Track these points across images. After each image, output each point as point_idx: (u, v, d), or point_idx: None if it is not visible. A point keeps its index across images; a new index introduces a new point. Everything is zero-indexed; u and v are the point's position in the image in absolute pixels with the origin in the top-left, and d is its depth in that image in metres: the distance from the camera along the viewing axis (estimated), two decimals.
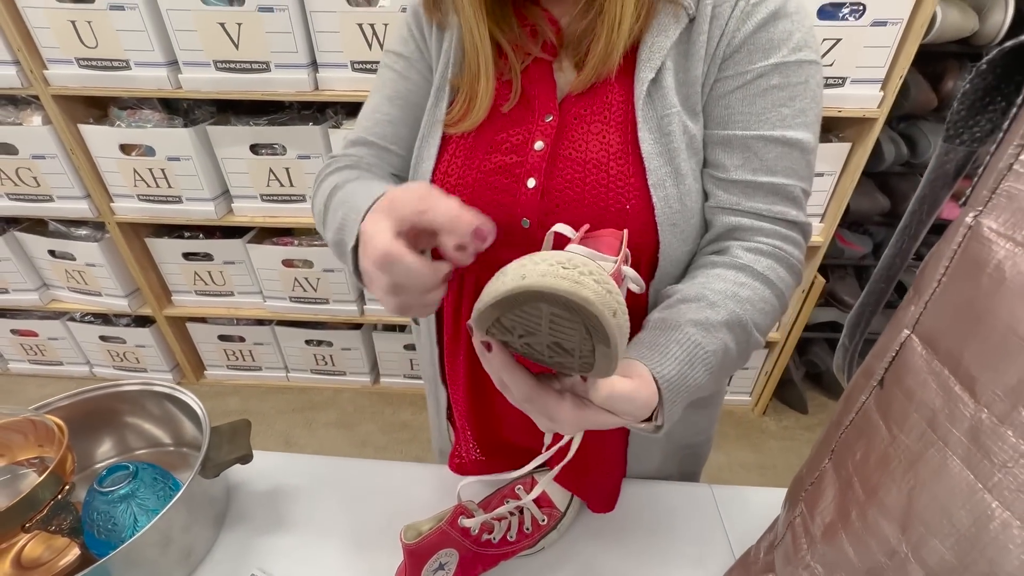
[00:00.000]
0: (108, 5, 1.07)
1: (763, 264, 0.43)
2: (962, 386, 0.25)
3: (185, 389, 0.59)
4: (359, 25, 1.08)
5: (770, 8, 0.40)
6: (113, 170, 1.29)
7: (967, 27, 1.07)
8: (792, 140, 0.42)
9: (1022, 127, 0.23)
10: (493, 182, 0.47)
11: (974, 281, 0.25)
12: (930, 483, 0.27)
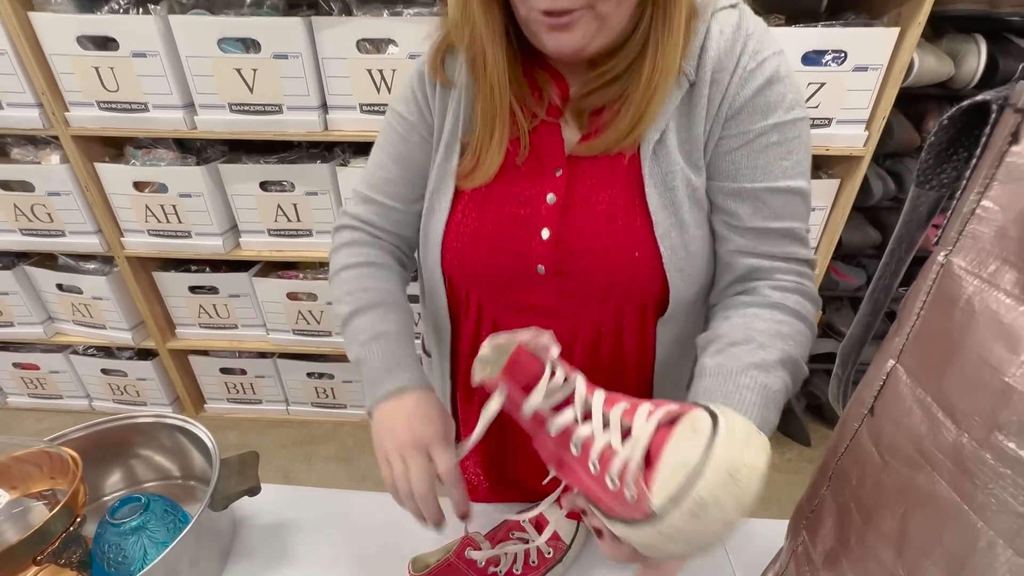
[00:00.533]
0: (131, 52, 1.13)
1: (792, 300, 0.47)
2: (944, 412, 0.27)
3: (195, 422, 0.60)
4: (368, 71, 1.14)
5: (766, 74, 0.44)
6: (125, 206, 1.33)
7: (943, 72, 1.13)
8: (794, 188, 0.46)
9: (981, 176, 0.26)
10: (508, 232, 0.50)
11: (948, 314, 0.27)
12: (921, 506, 0.28)
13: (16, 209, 1.34)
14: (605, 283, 0.50)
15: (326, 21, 1.10)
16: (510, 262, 0.51)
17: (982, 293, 0.25)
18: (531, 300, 0.53)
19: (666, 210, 0.47)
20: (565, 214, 0.49)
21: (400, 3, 1.14)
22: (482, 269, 0.53)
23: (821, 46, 1.06)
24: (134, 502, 0.50)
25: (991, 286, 0.25)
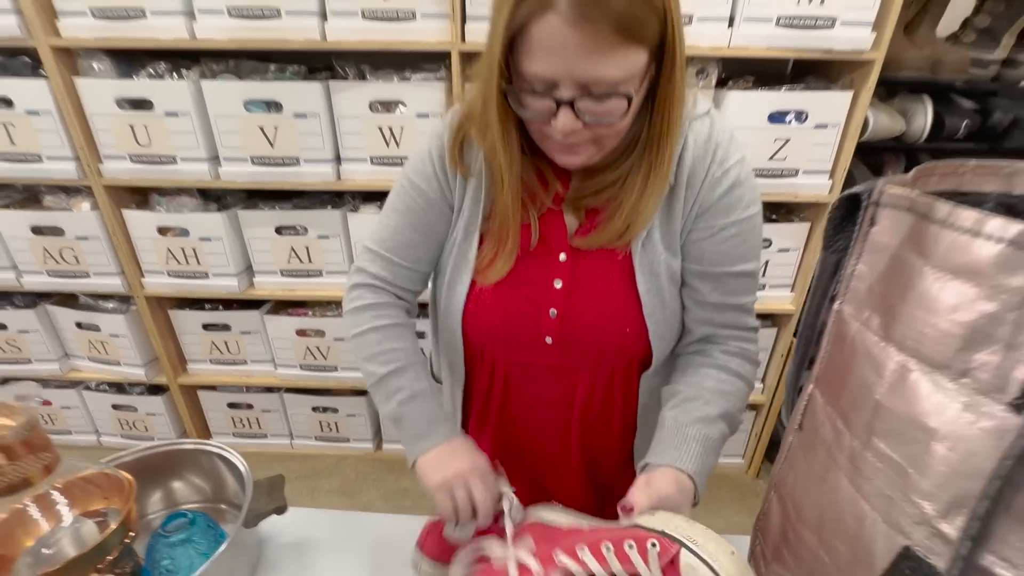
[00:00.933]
0: (164, 112, 1.24)
1: (735, 363, 0.59)
2: (843, 423, 0.35)
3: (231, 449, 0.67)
4: (379, 128, 1.26)
5: (730, 181, 0.54)
6: (148, 248, 1.42)
7: (896, 128, 1.26)
8: (747, 271, 0.57)
9: (857, 247, 0.36)
10: (521, 308, 0.59)
11: (842, 349, 0.36)
12: (831, 497, 0.36)
13: (45, 252, 1.43)
14: (601, 350, 0.60)
15: (342, 85, 1.23)
16: (522, 334, 0.61)
17: (861, 333, 0.34)
18: (538, 361, 0.62)
19: (651, 292, 0.57)
20: (569, 296, 0.58)
21: (408, 69, 1.27)
22: (497, 337, 0.62)
23: (785, 107, 1.19)
24: (181, 517, 0.57)
25: (866, 327, 0.34)
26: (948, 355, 0.28)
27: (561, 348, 0.60)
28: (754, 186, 0.56)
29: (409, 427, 0.59)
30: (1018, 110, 1.26)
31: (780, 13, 1.10)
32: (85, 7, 1.16)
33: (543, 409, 0.67)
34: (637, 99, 0.47)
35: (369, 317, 0.62)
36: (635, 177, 0.53)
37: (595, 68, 0.44)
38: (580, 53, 0.43)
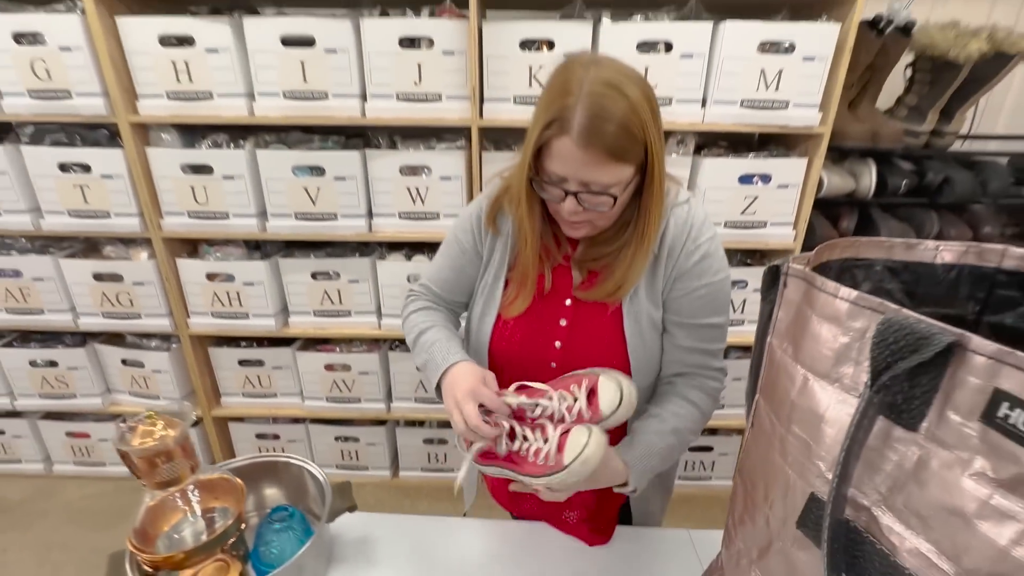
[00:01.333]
0: (222, 175, 1.44)
1: (694, 395, 0.76)
2: (775, 419, 0.53)
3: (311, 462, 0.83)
4: (407, 188, 1.47)
5: (701, 253, 0.73)
6: (196, 292, 1.59)
7: (847, 187, 1.49)
8: (715, 323, 0.75)
9: (779, 300, 0.54)
10: (533, 338, 0.78)
11: (772, 367, 0.54)
12: (771, 470, 0.53)
13: (103, 296, 1.59)
14: None
15: (376, 153, 1.44)
16: (533, 358, 0.79)
17: (783, 357, 0.52)
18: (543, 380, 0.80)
19: (635, 336, 0.75)
20: (571, 333, 0.76)
21: (433, 139, 1.49)
22: (514, 359, 0.80)
23: (752, 171, 1.42)
24: (283, 511, 0.72)
25: (784, 353, 0.52)
26: (827, 369, 0.46)
27: (563, 372, 0.78)
28: (722, 257, 0.75)
29: (432, 363, 0.73)
30: (948, 171, 1.50)
31: (743, 97, 1.34)
32: (162, 91, 1.38)
33: None
34: (623, 198, 0.67)
35: (416, 307, 0.84)
36: (627, 250, 0.72)
37: (592, 175, 0.63)
38: (582, 164, 0.63)
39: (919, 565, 0.39)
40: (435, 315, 0.83)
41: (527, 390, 0.68)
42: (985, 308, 0.59)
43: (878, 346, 0.40)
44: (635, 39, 1.30)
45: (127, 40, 1.33)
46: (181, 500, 0.68)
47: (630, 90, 0.61)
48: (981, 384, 0.35)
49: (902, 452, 0.40)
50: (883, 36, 1.35)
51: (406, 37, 1.32)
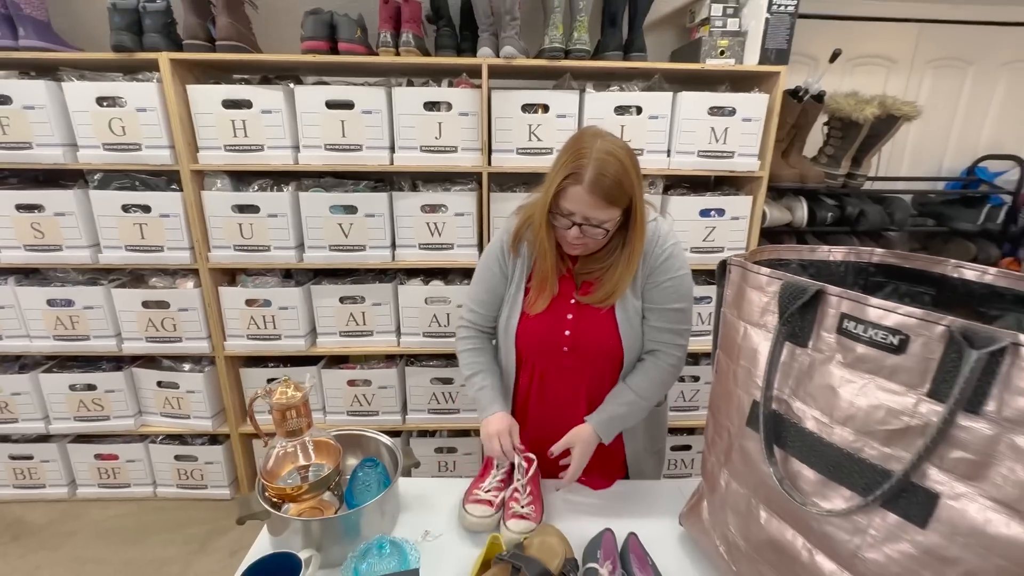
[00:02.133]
0: (267, 214, 1.68)
1: (654, 369, 1.03)
2: (728, 359, 0.80)
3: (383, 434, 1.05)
4: (427, 223, 1.73)
5: (666, 255, 1.00)
6: (235, 317, 1.79)
7: (785, 219, 1.84)
8: (678, 308, 1.02)
9: (726, 284, 0.82)
10: (549, 331, 1.04)
11: (726, 325, 0.82)
12: (727, 396, 0.79)
13: (149, 322, 1.77)
14: (595, 357, 1.05)
15: (401, 194, 1.72)
16: (549, 345, 1.05)
17: (732, 317, 0.80)
18: (560, 363, 1.06)
19: (625, 325, 1.01)
20: (577, 324, 1.03)
21: (449, 183, 1.78)
22: (535, 348, 1.06)
23: (709, 206, 1.75)
24: (372, 461, 0.94)
25: (732, 315, 0.80)
26: (757, 319, 0.74)
27: (572, 354, 1.04)
28: (683, 258, 1.02)
29: (479, 405, 1.04)
30: (862, 205, 1.87)
31: (699, 148, 1.69)
32: (220, 144, 1.63)
33: (563, 393, 1.08)
34: (612, 230, 0.94)
35: (465, 346, 1.11)
36: (615, 268, 0.99)
37: (593, 213, 0.91)
38: (587, 205, 0.90)
39: (816, 427, 0.66)
40: (481, 358, 1.11)
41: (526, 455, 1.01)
42: (864, 289, 0.89)
43: (781, 299, 0.69)
44: (613, 104, 1.64)
45: (195, 104, 1.59)
46: (301, 452, 0.89)
47: (623, 158, 0.90)
48: (835, 312, 0.63)
49: (800, 360, 0.68)
50: (802, 102, 1.74)
51: (429, 101, 1.62)
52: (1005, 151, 2.14)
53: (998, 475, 0.50)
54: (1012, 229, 1.95)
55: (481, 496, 0.95)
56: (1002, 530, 0.49)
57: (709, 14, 1.68)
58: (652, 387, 1.03)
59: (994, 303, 0.75)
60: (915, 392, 0.56)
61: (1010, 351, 0.49)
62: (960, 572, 0.52)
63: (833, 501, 0.63)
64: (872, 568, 0.59)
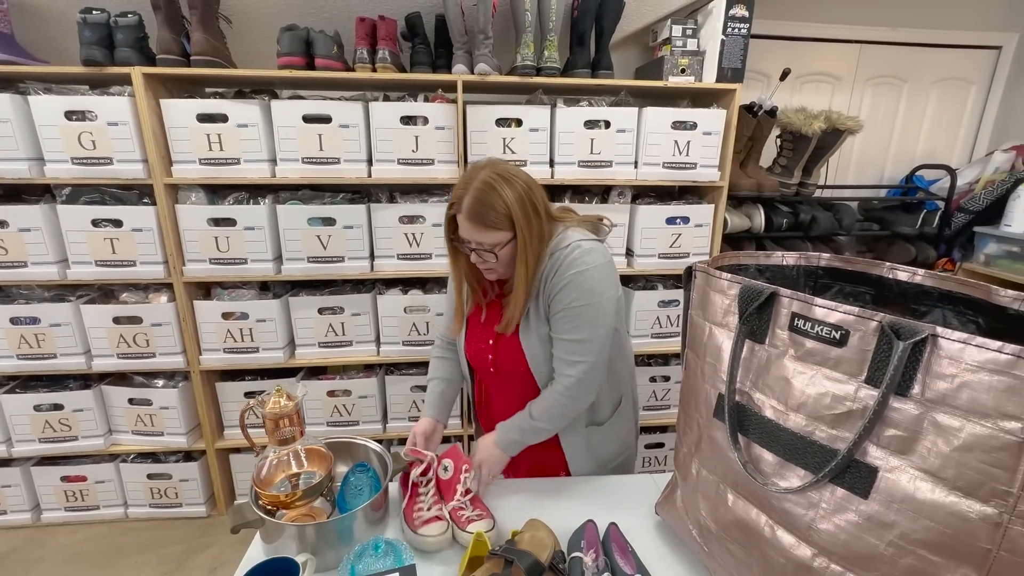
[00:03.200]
0: (244, 227, 1.69)
1: (550, 394, 1.03)
2: (697, 356, 0.87)
3: (371, 440, 1.08)
4: (405, 234, 1.77)
5: (563, 284, 0.96)
6: (211, 331, 1.78)
7: (744, 225, 1.96)
8: (572, 339, 0.99)
9: (692, 287, 0.90)
10: (477, 352, 1.12)
11: (692, 326, 0.89)
12: (697, 390, 0.86)
13: (120, 338, 1.74)
14: (513, 378, 1.09)
15: (379, 206, 1.75)
16: (481, 365, 1.13)
17: (698, 318, 0.88)
18: (493, 379, 1.14)
19: (531, 349, 1.05)
20: (495, 349, 1.08)
21: (427, 194, 1.82)
22: (473, 365, 1.16)
23: (675, 214, 1.85)
24: (363, 466, 0.97)
25: (698, 316, 0.87)
26: (720, 319, 0.82)
27: (497, 374, 1.12)
28: (584, 287, 0.96)
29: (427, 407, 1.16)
30: (814, 212, 2.01)
31: (664, 160, 1.79)
32: (195, 157, 1.63)
33: (503, 402, 1.15)
34: (503, 253, 0.96)
35: (433, 354, 1.22)
36: (513, 295, 1.00)
37: (477, 238, 0.95)
38: (470, 232, 0.95)
39: (773, 414, 0.73)
40: (441, 366, 1.20)
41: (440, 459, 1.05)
42: (814, 290, 0.98)
43: (741, 301, 0.76)
44: (582, 119, 1.73)
45: (168, 117, 1.59)
46: (293, 460, 0.92)
47: (500, 184, 0.93)
48: (787, 312, 0.71)
49: (759, 356, 0.75)
50: (757, 117, 1.86)
51: (406, 116, 1.67)
52: (938, 161, 2.34)
53: (924, 448, 0.58)
54: (946, 232, 2.14)
55: (426, 516, 0.94)
56: (928, 495, 0.57)
57: (670, 34, 1.79)
58: (547, 412, 1.03)
59: (923, 300, 0.85)
60: (855, 380, 0.64)
61: (930, 341, 0.57)
62: (896, 534, 0.60)
63: (790, 480, 0.70)
64: (825, 537, 0.66)
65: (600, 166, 1.77)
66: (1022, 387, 0.51)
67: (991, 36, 2.25)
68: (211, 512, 1.99)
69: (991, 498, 0.53)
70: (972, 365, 0.54)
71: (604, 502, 1.08)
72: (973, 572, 0.55)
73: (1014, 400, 0.52)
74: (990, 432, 0.53)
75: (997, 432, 0.53)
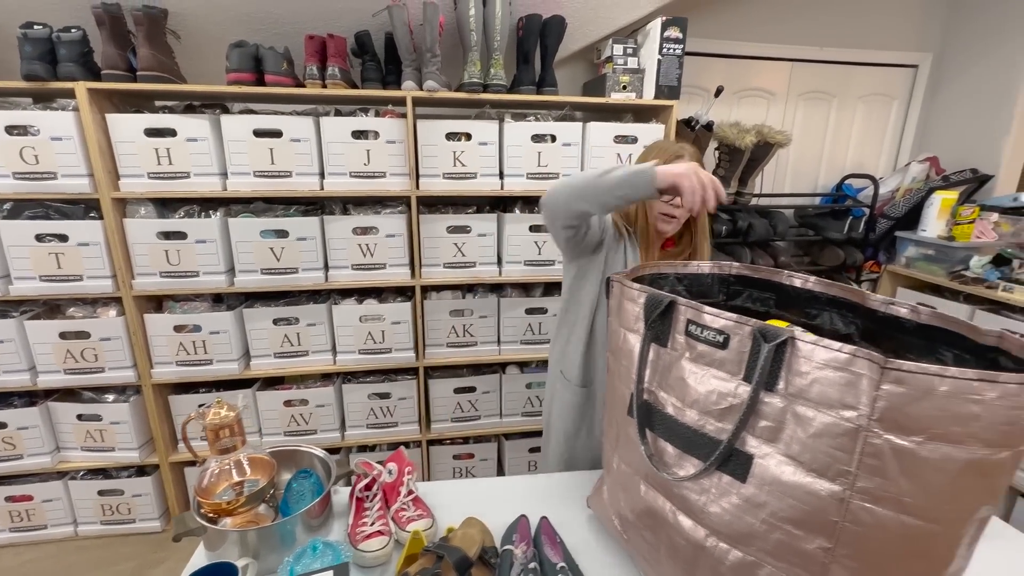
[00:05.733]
0: (196, 240, 1.70)
1: None
2: (615, 360, 0.95)
3: (318, 448, 1.11)
4: (359, 245, 1.81)
5: None
6: (162, 344, 1.77)
7: None
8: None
9: (611, 293, 0.98)
10: None
11: (612, 333, 0.97)
12: (617, 392, 0.94)
13: (68, 354, 1.72)
14: None
15: (332, 218, 1.78)
16: None
17: (615, 326, 0.95)
18: None
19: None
20: None
21: (379, 205, 1.87)
22: None
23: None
24: (306, 472, 1.01)
25: (616, 323, 0.95)
26: (632, 325, 0.90)
27: None
28: None
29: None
30: (750, 219, 2.14)
31: None
32: (143, 171, 1.63)
33: None
34: None
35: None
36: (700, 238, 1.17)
37: None
38: None
39: (673, 411, 0.81)
40: None
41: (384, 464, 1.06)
42: (728, 296, 1.07)
43: (646, 309, 0.84)
44: (530, 133, 1.80)
45: (115, 132, 1.59)
46: (236, 469, 0.95)
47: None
48: (683, 319, 0.80)
49: (663, 358, 0.83)
50: (695, 131, 1.98)
51: (357, 130, 1.71)
52: (866, 171, 2.51)
53: (787, 436, 0.67)
54: (872, 237, 2.30)
55: (368, 531, 0.96)
56: (791, 477, 0.66)
57: (612, 53, 1.89)
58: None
59: (814, 305, 0.95)
60: (735, 378, 0.73)
61: (790, 343, 0.66)
62: (767, 512, 0.68)
63: (687, 469, 0.78)
64: (714, 519, 0.75)
65: (548, 178, 1.85)
66: (857, 381, 0.60)
67: (909, 55, 2.44)
68: (166, 527, 1.98)
69: (837, 477, 0.62)
70: (820, 363, 0.63)
71: (541, 498, 1.15)
72: (826, 542, 0.64)
73: (851, 393, 0.60)
74: (834, 420, 0.62)
75: (839, 420, 0.61)
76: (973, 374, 0.55)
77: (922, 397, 0.57)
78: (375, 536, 0.97)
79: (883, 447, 0.59)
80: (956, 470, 0.58)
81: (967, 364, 0.72)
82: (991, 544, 0.97)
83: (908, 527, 0.61)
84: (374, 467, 1.07)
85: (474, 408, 2.06)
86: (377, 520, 1.00)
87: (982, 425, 0.57)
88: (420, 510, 1.03)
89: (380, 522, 1.00)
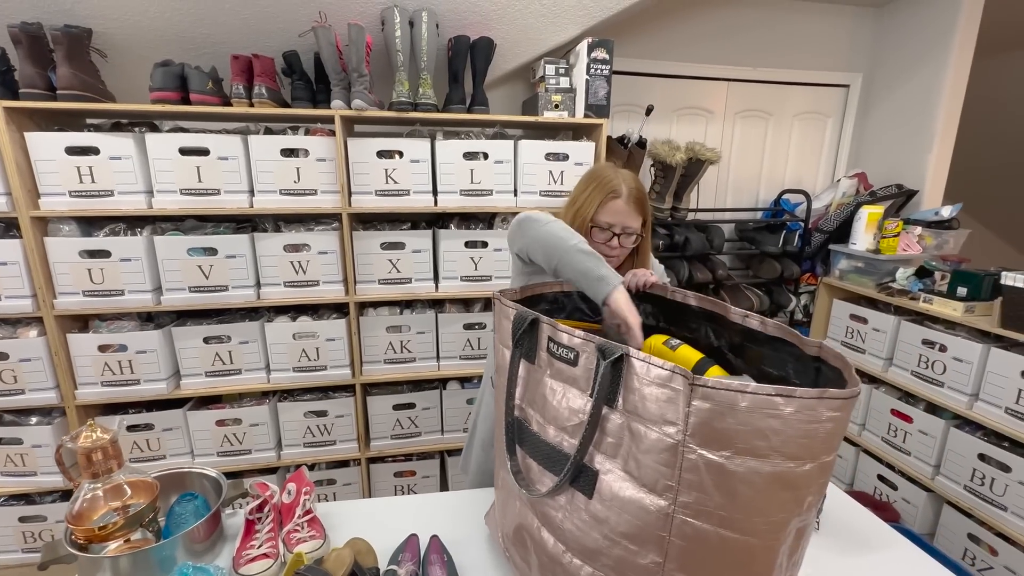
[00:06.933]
0: (120, 258, 1.68)
1: None
2: (495, 377, 0.96)
3: (212, 469, 1.10)
4: (291, 262, 1.81)
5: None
6: (87, 364, 1.74)
7: None
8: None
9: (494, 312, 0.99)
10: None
11: (495, 349, 0.98)
12: (499, 411, 0.95)
13: None
14: None
15: (263, 235, 1.78)
16: None
17: (497, 343, 0.96)
18: None
19: None
20: None
21: (313, 222, 1.87)
22: None
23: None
24: (190, 495, 0.99)
25: (498, 340, 0.96)
26: (506, 340, 0.91)
27: None
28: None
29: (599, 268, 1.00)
30: (687, 233, 2.19)
31: (540, 188, 1.91)
32: (64, 189, 1.62)
33: None
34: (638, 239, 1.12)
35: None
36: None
37: (631, 222, 1.09)
38: (627, 216, 1.08)
39: (537, 428, 0.82)
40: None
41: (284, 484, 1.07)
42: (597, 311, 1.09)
43: (515, 324, 0.86)
44: (461, 151, 1.83)
45: (35, 151, 1.58)
46: (113, 493, 0.93)
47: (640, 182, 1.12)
48: (545, 336, 0.81)
49: (532, 375, 0.85)
50: (628, 148, 2.03)
51: (287, 148, 1.72)
52: (803, 186, 2.59)
53: (625, 451, 0.68)
54: (807, 250, 2.36)
55: (253, 554, 0.95)
56: (628, 493, 0.67)
57: (544, 73, 1.93)
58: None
59: (692, 319, 0.97)
60: (585, 395, 0.74)
61: (625, 360, 0.68)
62: (609, 528, 0.69)
63: (546, 485, 0.79)
64: (568, 535, 0.75)
65: (481, 195, 1.88)
66: (677, 398, 0.62)
67: (840, 76, 2.53)
68: None
69: (664, 492, 0.64)
70: (648, 380, 0.65)
71: (449, 516, 1.15)
72: (658, 556, 0.65)
73: (671, 408, 0.62)
74: (658, 436, 0.63)
75: (663, 436, 0.63)
76: (772, 390, 0.57)
77: (727, 412, 0.59)
78: (259, 559, 0.95)
79: (698, 462, 0.61)
80: (762, 483, 0.60)
81: (804, 374, 0.75)
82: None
83: (727, 540, 0.62)
84: (268, 488, 1.06)
85: (414, 425, 2.05)
86: (266, 543, 0.99)
87: (782, 439, 0.58)
88: (314, 531, 1.02)
89: (268, 544, 0.99)
